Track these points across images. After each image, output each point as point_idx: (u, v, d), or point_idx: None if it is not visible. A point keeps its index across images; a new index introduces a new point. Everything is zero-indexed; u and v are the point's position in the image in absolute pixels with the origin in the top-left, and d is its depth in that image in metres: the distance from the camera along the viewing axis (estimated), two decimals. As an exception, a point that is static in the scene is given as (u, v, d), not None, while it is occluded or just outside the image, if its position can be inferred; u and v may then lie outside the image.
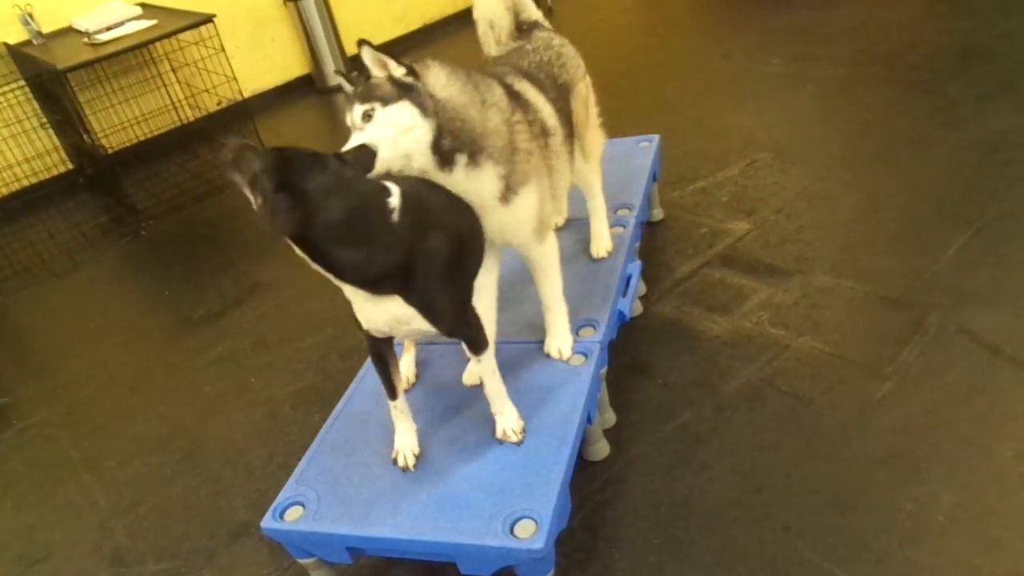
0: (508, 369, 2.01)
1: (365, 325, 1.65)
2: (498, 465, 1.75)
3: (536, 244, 1.89)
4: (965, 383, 2.05)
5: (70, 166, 4.56)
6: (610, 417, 2.16)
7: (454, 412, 1.92)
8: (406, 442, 1.83)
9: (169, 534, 2.19)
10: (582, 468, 2.02)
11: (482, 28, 2.22)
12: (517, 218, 1.80)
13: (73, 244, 3.96)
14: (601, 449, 2.07)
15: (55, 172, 4.51)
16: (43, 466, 2.58)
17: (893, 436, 1.95)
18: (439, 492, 1.71)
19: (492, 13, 2.17)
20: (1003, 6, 4.12)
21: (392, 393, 1.79)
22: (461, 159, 1.68)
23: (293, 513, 1.75)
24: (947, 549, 1.67)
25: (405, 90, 1.63)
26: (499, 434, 1.82)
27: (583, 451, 2.03)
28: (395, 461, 1.82)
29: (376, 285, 1.50)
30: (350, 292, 1.55)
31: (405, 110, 1.61)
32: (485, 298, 1.89)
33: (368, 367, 2.17)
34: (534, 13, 2.22)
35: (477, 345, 1.73)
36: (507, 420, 1.82)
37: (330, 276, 1.47)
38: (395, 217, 1.45)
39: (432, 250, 1.53)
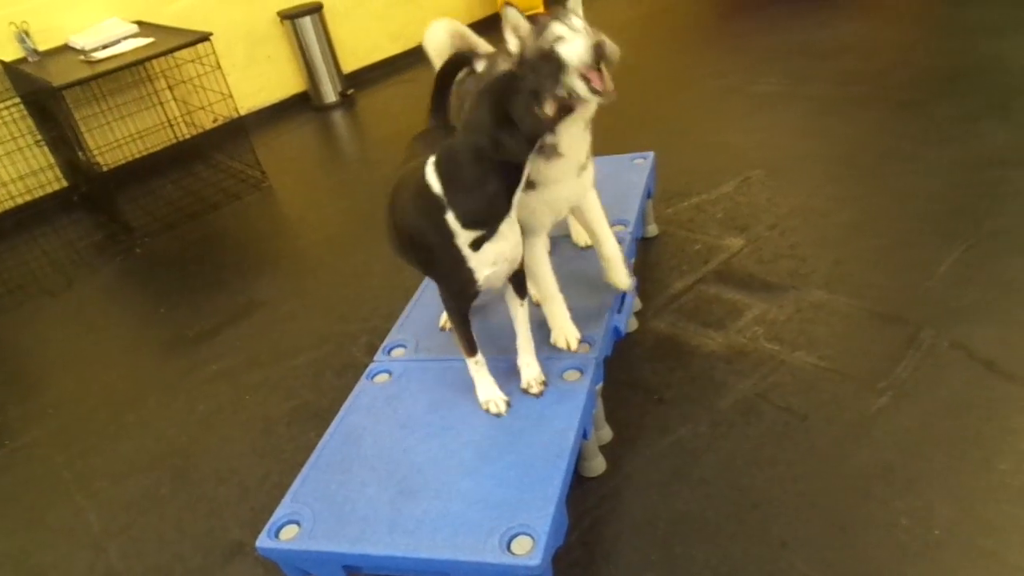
0: (503, 384, 2.01)
1: (488, 272, 1.78)
2: (494, 481, 1.75)
3: (587, 197, 2.13)
4: (959, 398, 2.06)
5: (65, 183, 4.56)
6: (606, 433, 2.16)
7: (450, 428, 1.92)
8: (491, 392, 1.96)
9: (163, 555, 2.17)
10: (578, 484, 2.01)
11: (435, 62, 2.26)
12: (586, 183, 2.06)
13: (67, 262, 3.95)
14: (597, 465, 2.06)
15: (49, 190, 4.51)
16: (35, 487, 2.56)
17: (888, 450, 1.95)
18: (435, 508, 1.71)
19: (439, 47, 2.25)
20: (988, 28, 4.17)
21: (472, 349, 1.95)
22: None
23: (288, 532, 1.74)
24: (943, 564, 1.67)
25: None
26: (523, 384, 1.98)
27: (579, 467, 2.03)
28: (487, 410, 1.94)
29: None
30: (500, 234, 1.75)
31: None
32: (538, 249, 2.09)
33: (363, 384, 2.17)
34: (483, 47, 2.27)
35: (525, 287, 1.98)
36: (531, 372, 1.98)
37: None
38: None
39: None
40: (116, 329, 3.41)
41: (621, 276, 2.23)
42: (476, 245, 1.73)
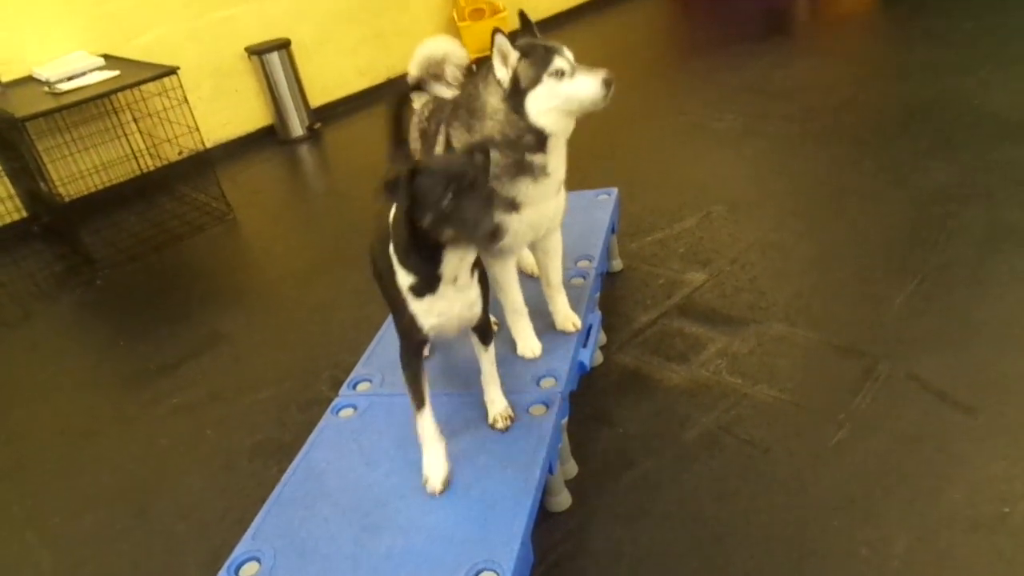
0: (470, 419, 2.02)
1: (433, 323, 1.75)
2: (459, 517, 1.74)
3: (558, 230, 2.24)
4: (915, 428, 2.11)
5: (24, 214, 4.48)
6: (571, 467, 2.16)
7: (415, 463, 1.91)
8: (436, 462, 1.88)
9: (118, 594, 2.12)
10: (544, 519, 2.01)
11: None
12: (562, 204, 2.16)
13: (25, 293, 3.88)
14: (563, 500, 2.07)
15: (8, 220, 4.43)
16: (-14, 524, 2.48)
17: (848, 482, 1.99)
18: (400, 545, 1.70)
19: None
20: (936, 68, 4.34)
21: (420, 402, 1.88)
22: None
23: (249, 570, 1.71)
24: (902, 594, 1.70)
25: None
26: (490, 420, 1.99)
27: (545, 502, 2.03)
28: (425, 484, 1.86)
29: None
30: (445, 288, 1.71)
31: None
32: (510, 267, 2.19)
33: (328, 419, 2.16)
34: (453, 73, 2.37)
35: (489, 337, 1.95)
36: (498, 408, 1.98)
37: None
38: None
39: None
40: (74, 361, 3.34)
41: (561, 319, 2.33)
42: (417, 292, 1.71)
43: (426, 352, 2.13)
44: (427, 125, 2.29)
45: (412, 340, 1.82)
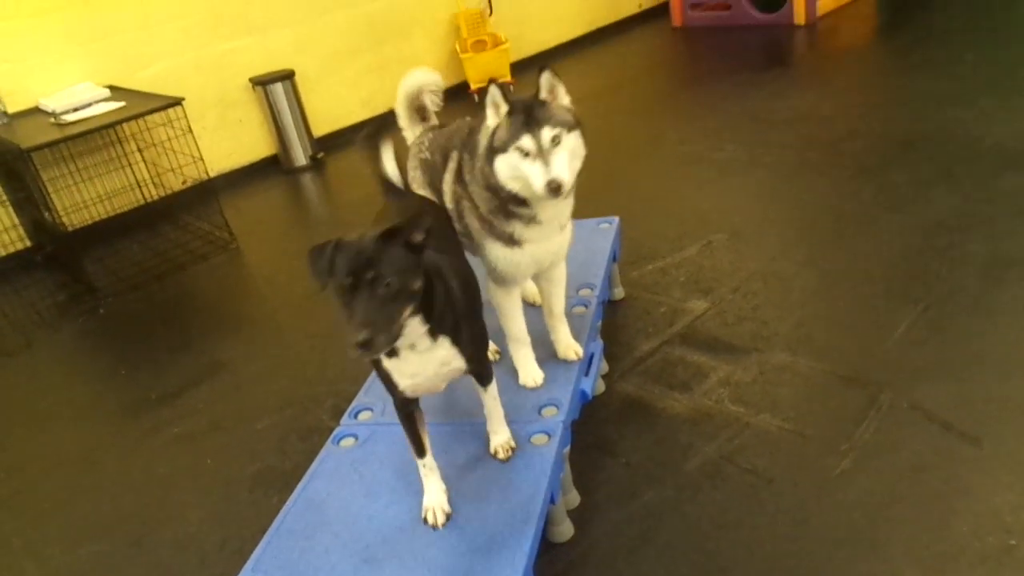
0: (471, 448, 2.01)
1: (406, 383, 1.71)
2: (461, 548, 1.73)
3: (563, 261, 2.24)
4: (919, 459, 2.09)
5: (28, 243, 4.51)
6: (573, 497, 2.15)
7: (417, 494, 1.90)
8: (436, 499, 1.85)
9: (115, 626, 2.10)
10: (546, 549, 1.99)
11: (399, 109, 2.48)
12: (567, 238, 2.15)
13: (27, 322, 3.88)
14: (565, 530, 2.05)
15: (12, 249, 4.45)
16: (-17, 555, 2.46)
17: (852, 513, 1.97)
18: (400, 576, 1.68)
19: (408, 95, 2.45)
20: (936, 98, 4.38)
21: (421, 451, 1.85)
22: (571, 188, 1.95)
23: (248, 601, 1.69)
24: (909, 628, 1.68)
25: (577, 120, 1.88)
26: (491, 450, 1.97)
27: (547, 532, 2.01)
28: (425, 519, 1.83)
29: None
30: (406, 352, 1.65)
31: (579, 139, 1.89)
32: (514, 296, 2.20)
33: (328, 448, 2.15)
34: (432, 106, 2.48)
35: (488, 378, 1.91)
36: (500, 438, 1.97)
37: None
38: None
39: (455, 296, 1.72)
40: (75, 391, 3.33)
41: (563, 348, 2.33)
42: (385, 354, 1.63)
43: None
44: (429, 155, 2.31)
45: (395, 397, 1.78)
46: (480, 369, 1.87)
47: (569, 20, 7.02)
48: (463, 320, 1.73)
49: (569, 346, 2.31)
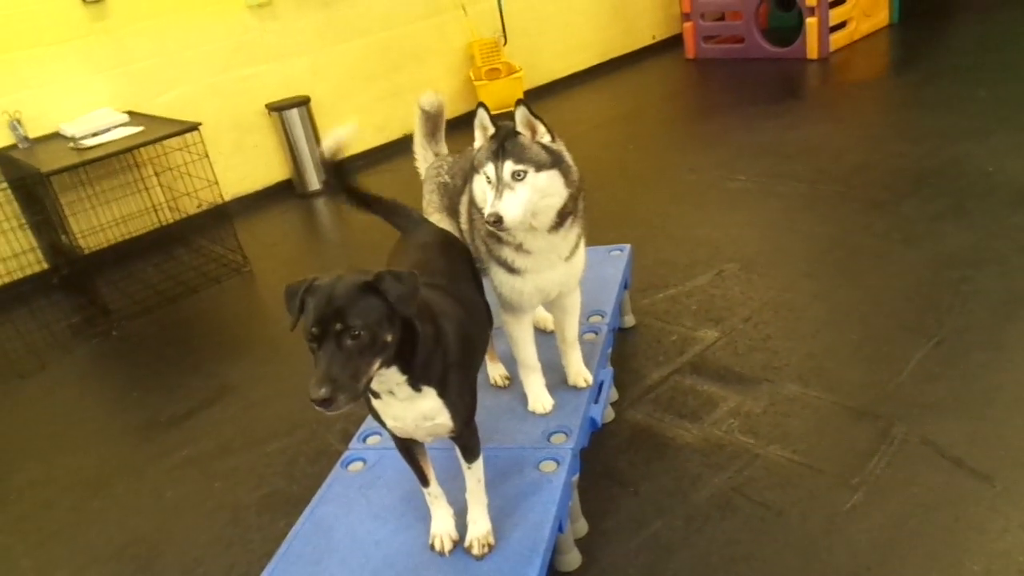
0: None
1: (391, 424, 1.69)
2: (469, 575, 1.72)
3: (577, 289, 2.23)
4: (930, 495, 2.07)
5: (45, 266, 4.56)
6: (581, 526, 2.13)
7: (425, 519, 1.89)
8: (444, 527, 1.83)
9: (120, 650, 2.09)
10: (553, 579, 1.98)
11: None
12: (576, 270, 2.13)
13: (42, 344, 3.91)
14: (572, 559, 2.03)
15: (30, 272, 4.50)
16: (-9, 575, 2.47)
17: (862, 549, 1.95)
18: (406, 604, 1.67)
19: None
20: (948, 134, 4.38)
21: (424, 481, 1.83)
22: (568, 222, 1.96)
23: (253, 626, 1.69)
24: (921, 666, 1.65)
25: (556, 159, 1.86)
26: (466, 543, 1.81)
27: (554, 561, 1.99)
28: (432, 546, 1.81)
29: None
30: (387, 396, 1.60)
31: (554, 179, 1.86)
32: (525, 324, 2.20)
33: (337, 472, 2.15)
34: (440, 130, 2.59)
35: (473, 452, 1.78)
36: (478, 530, 1.81)
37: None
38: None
39: (448, 343, 1.62)
40: (86, 413, 3.35)
41: (573, 375, 2.33)
42: (371, 392, 1.56)
43: None
44: (449, 179, 2.34)
45: (388, 432, 1.74)
46: (466, 435, 1.73)
47: (583, 50, 7.09)
48: (453, 370, 1.63)
49: (579, 373, 2.31)
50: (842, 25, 6.49)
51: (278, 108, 5.25)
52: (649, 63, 7.35)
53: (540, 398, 2.23)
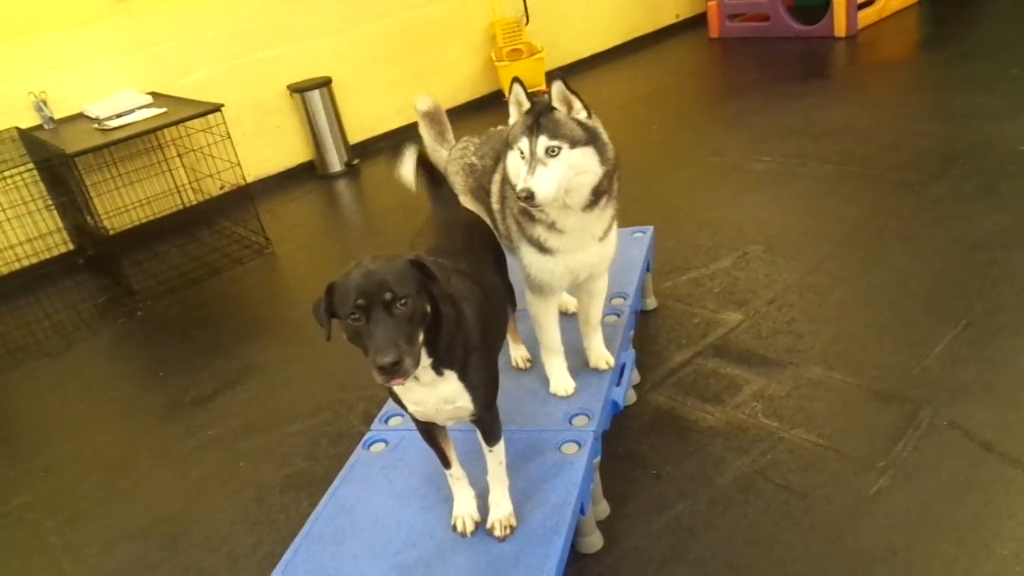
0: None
1: (412, 408, 1.68)
2: (489, 557, 1.72)
3: (606, 273, 2.20)
4: (959, 479, 2.04)
5: (71, 246, 4.61)
6: (603, 508, 2.13)
7: (447, 500, 1.90)
8: (465, 508, 1.84)
9: (147, 625, 2.12)
10: (575, 560, 1.98)
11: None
12: (608, 251, 2.11)
13: (68, 324, 3.97)
14: (594, 541, 2.03)
15: (56, 252, 4.56)
16: (21, 552, 2.51)
17: (888, 533, 1.93)
18: (428, 584, 1.68)
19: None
20: (979, 113, 4.29)
21: (446, 463, 1.83)
22: (603, 201, 1.94)
23: (277, 604, 1.70)
24: (947, 652, 1.63)
25: (591, 136, 1.83)
26: (488, 525, 1.81)
27: (576, 543, 1.99)
28: (454, 527, 1.82)
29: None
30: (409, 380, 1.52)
31: (589, 156, 1.84)
32: (551, 306, 2.18)
33: (359, 453, 2.16)
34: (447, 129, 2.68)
35: (494, 435, 1.78)
36: (500, 512, 1.81)
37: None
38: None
39: (468, 327, 1.62)
40: (113, 392, 3.40)
41: (595, 358, 2.32)
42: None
43: None
44: (476, 160, 2.34)
45: (409, 415, 1.74)
46: (487, 418, 1.73)
47: (605, 29, 7.02)
48: (474, 353, 1.63)
49: (601, 355, 2.30)
50: (871, 2, 6.36)
51: (300, 89, 5.26)
52: (672, 43, 7.26)
53: (562, 381, 2.22)
